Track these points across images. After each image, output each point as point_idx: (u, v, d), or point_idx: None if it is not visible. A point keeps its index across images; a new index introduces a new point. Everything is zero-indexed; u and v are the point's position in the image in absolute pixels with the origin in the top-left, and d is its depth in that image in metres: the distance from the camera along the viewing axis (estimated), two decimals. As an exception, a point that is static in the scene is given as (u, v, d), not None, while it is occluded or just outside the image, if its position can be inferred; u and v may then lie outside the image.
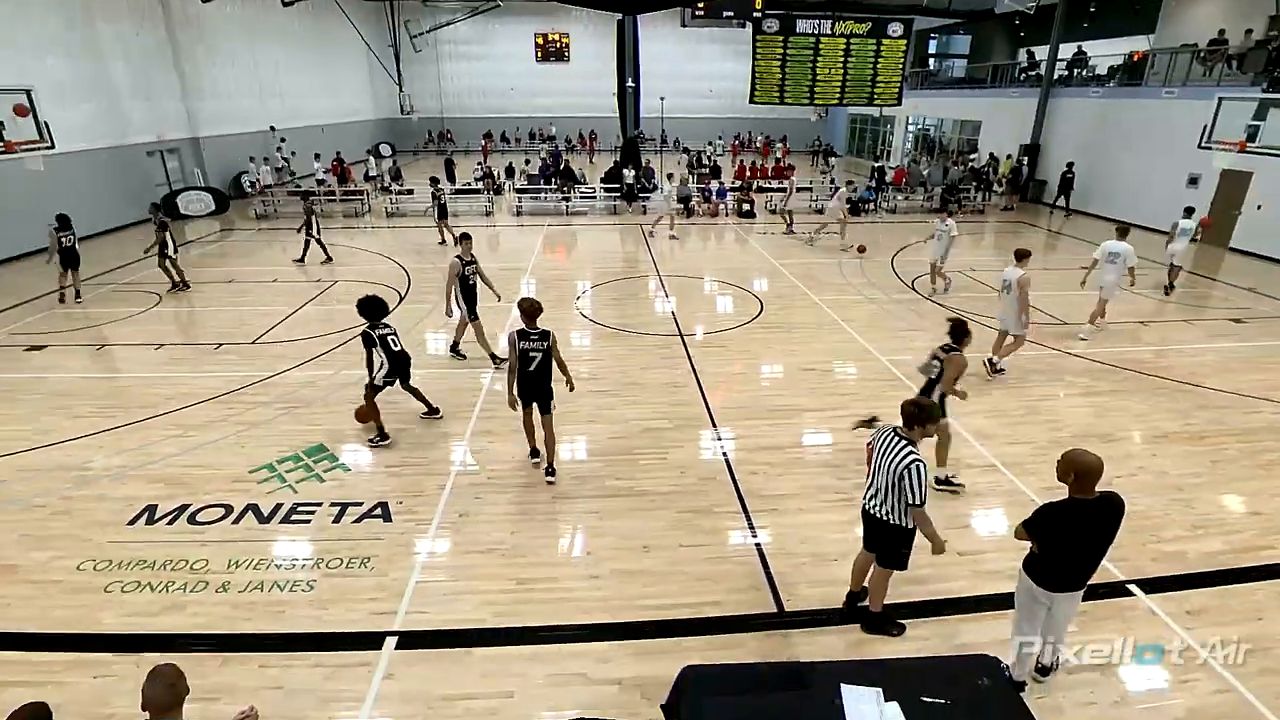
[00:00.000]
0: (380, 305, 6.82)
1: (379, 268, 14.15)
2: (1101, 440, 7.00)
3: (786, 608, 4.83)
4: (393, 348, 6.81)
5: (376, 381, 6.86)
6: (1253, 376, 8.71)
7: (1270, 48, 13.30)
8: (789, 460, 6.77)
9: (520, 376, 6.01)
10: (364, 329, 6.73)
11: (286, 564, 5.24)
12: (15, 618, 4.69)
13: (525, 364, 5.95)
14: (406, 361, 7.06)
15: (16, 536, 5.51)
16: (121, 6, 17.84)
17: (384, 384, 6.92)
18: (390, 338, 6.81)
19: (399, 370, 6.97)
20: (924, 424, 4.00)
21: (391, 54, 34.81)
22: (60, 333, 10.30)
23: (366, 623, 4.66)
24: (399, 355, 6.89)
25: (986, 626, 4.59)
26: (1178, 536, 5.56)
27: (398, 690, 4.14)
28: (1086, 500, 3.54)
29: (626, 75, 20.95)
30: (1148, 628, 4.61)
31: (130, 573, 5.10)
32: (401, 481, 6.34)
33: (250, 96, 24.15)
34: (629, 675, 4.24)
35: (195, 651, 4.33)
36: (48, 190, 14.36)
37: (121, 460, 6.65)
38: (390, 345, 6.80)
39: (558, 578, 5.14)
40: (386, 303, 6.92)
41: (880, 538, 4.29)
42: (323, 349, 9.49)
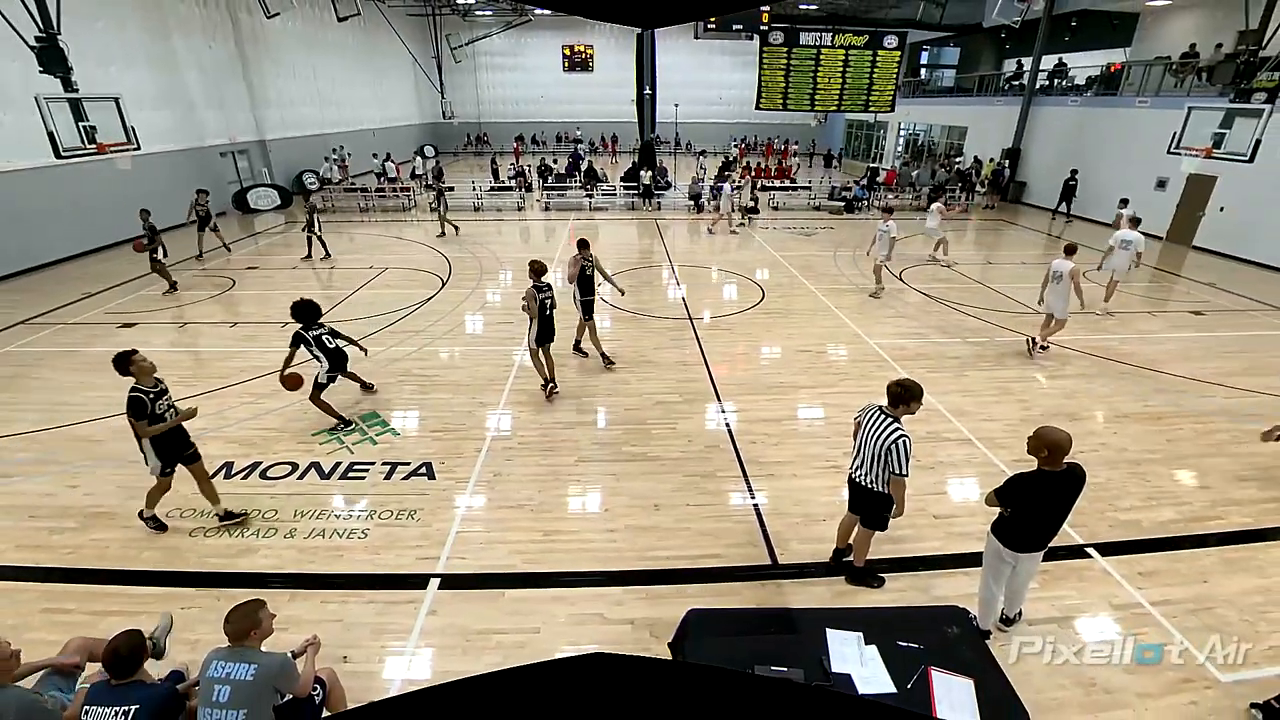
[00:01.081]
0: (313, 309, 6.56)
1: (423, 257, 14.18)
2: (1068, 419, 6.91)
3: (780, 561, 4.86)
4: (327, 346, 6.53)
5: (320, 380, 6.62)
6: (1209, 364, 8.53)
7: (1238, 61, 12.76)
8: (785, 431, 6.76)
9: (541, 321, 6.97)
10: (297, 330, 6.46)
11: (344, 514, 5.36)
12: (113, 557, 4.86)
13: (544, 309, 6.97)
14: (343, 357, 6.78)
15: (114, 488, 5.68)
16: (195, 23, 17.81)
17: (328, 380, 6.67)
18: (324, 337, 6.54)
19: (338, 366, 6.71)
20: (908, 403, 3.97)
21: (434, 64, 34.49)
22: (149, 311, 10.48)
23: (413, 566, 4.77)
24: (334, 352, 6.62)
25: (957, 582, 4.60)
26: (1133, 506, 5.51)
27: (440, 625, 4.25)
28: (1054, 472, 3.53)
29: (645, 84, 20.63)
30: (1102, 586, 4.60)
31: (211, 520, 5.24)
32: (443, 445, 6.43)
33: (310, 104, 24.10)
34: (640, 616, 4.31)
35: (266, 588, 4.46)
36: (134, 188, 14.50)
37: (202, 423, 6.76)
38: (325, 344, 6.52)
39: (579, 530, 5.21)
40: (319, 306, 6.67)
41: (864, 503, 4.30)
42: (374, 328, 9.58)
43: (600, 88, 38.61)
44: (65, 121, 9.32)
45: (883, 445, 3.95)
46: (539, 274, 7.02)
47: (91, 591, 4.51)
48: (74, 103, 9.45)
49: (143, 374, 4.68)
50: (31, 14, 9.34)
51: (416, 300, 10.91)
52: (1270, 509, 5.48)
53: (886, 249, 11.02)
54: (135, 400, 4.59)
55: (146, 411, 4.63)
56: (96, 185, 13.84)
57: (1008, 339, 9.31)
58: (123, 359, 4.66)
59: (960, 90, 27.80)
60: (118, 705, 2.65)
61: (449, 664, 3.97)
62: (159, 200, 16.02)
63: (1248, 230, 14.05)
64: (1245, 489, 5.77)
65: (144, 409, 4.62)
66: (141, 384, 4.65)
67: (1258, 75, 12.15)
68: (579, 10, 1.43)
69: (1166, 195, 15.83)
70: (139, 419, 4.62)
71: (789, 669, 3.00)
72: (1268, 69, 12.08)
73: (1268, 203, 13.57)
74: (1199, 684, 3.83)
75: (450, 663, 3.98)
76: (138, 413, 4.60)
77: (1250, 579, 4.67)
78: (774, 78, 19.55)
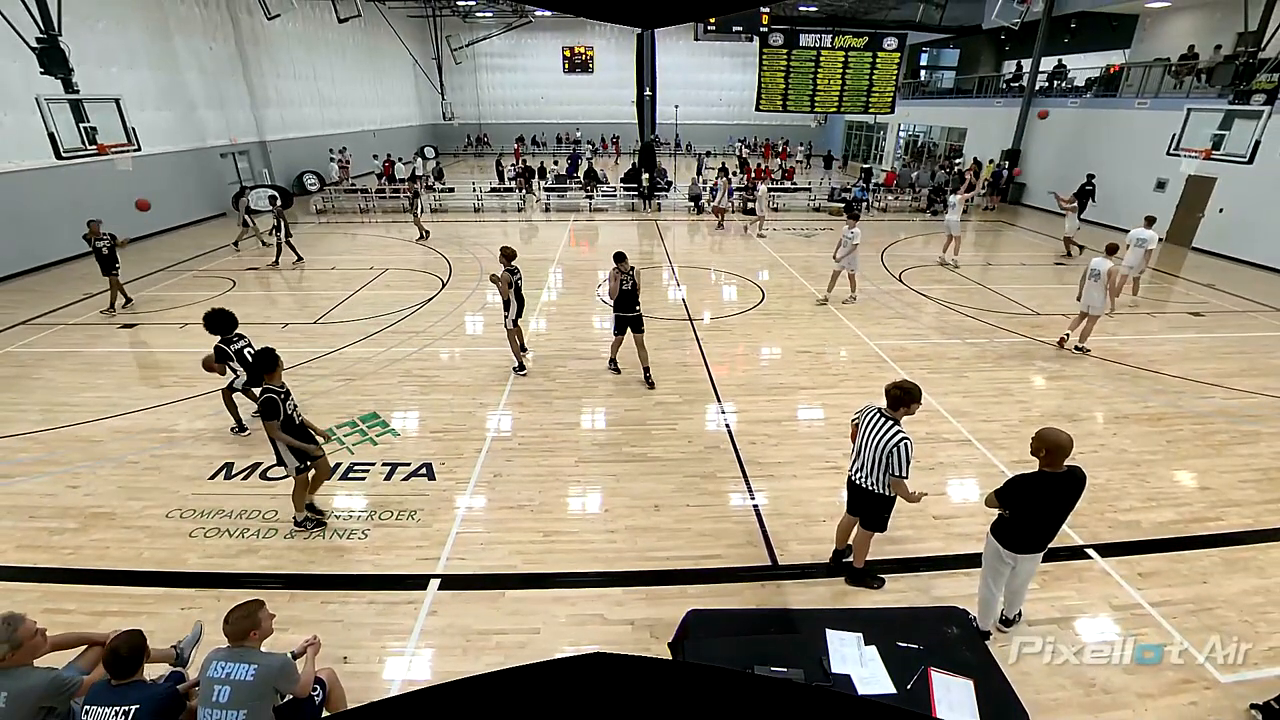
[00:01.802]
0: (227, 320, 6.27)
1: (423, 257, 14.19)
2: (1067, 420, 6.91)
3: (780, 561, 4.86)
4: (247, 359, 6.26)
5: (236, 387, 6.46)
6: (1208, 365, 8.53)
7: (1237, 63, 12.77)
8: (784, 432, 6.76)
9: (518, 300, 7.65)
10: (217, 344, 6.20)
11: (344, 515, 5.36)
12: (113, 557, 4.85)
13: (519, 291, 7.65)
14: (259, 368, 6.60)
15: (114, 488, 5.68)
16: (196, 24, 17.81)
17: (243, 390, 6.51)
18: (246, 350, 6.31)
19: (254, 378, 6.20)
20: (908, 404, 3.97)
21: (435, 65, 34.51)
22: (149, 312, 10.48)
23: (413, 567, 4.76)
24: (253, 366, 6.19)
25: (957, 582, 4.59)
26: (1133, 507, 5.51)
27: (440, 625, 4.25)
28: (1055, 473, 3.53)
29: (645, 85, 20.64)
30: (1102, 587, 4.60)
31: (211, 520, 5.24)
32: (444, 445, 6.43)
33: (310, 104, 24.11)
34: (640, 617, 4.31)
35: (267, 589, 4.46)
36: (135, 188, 14.51)
37: (203, 424, 6.81)
38: (246, 357, 6.27)
39: (579, 531, 5.20)
40: (234, 316, 6.36)
41: (864, 504, 4.29)
42: (375, 329, 9.58)
43: (600, 89, 38.64)
44: (66, 122, 9.32)
45: (883, 448, 3.95)
46: (510, 258, 7.79)
47: (91, 591, 4.50)
48: (75, 103, 9.45)
49: (277, 375, 4.75)
50: (32, 15, 9.34)
51: (417, 301, 10.92)
52: (1270, 510, 5.48)
53: (848, 254, 10.59)
54: (269, 402, 4.63)
55: (279, 413, 4.67)
56: (97, 186, 13.84)
57: (1007, 340, 9.31)
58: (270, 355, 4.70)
59: (960, 92, 27.82)
60: (118, 705, 2.65)
61: (449, 664, 3.97)
62: (159, 201, 16.10)
63: (1247, 231, 14.05)
64: (1245, 490, 5.76)
65: (277, 410, 4.66)
66: (272, 384, 4.71)
67: (1257, 77, 12.17)
68: (579, 10, 1.43)
69: (1166, 196, 15.84)
70: (271, 419, 4.65)
71: (789, 669, 3.00)
72: (1266, 70, 12.09)
73: (1267, 204, 13.58)
74: (1199, 684, 3.83)
75: (450, 663, 3.97)
76: (271, 414, 4.64)
77: (1250, 579, 4.67)
78: (774, 79, 19.57)
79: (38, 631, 2.85)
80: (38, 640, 2.85)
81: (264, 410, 4.64)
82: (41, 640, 2.89)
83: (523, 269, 9.05)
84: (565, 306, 11.05)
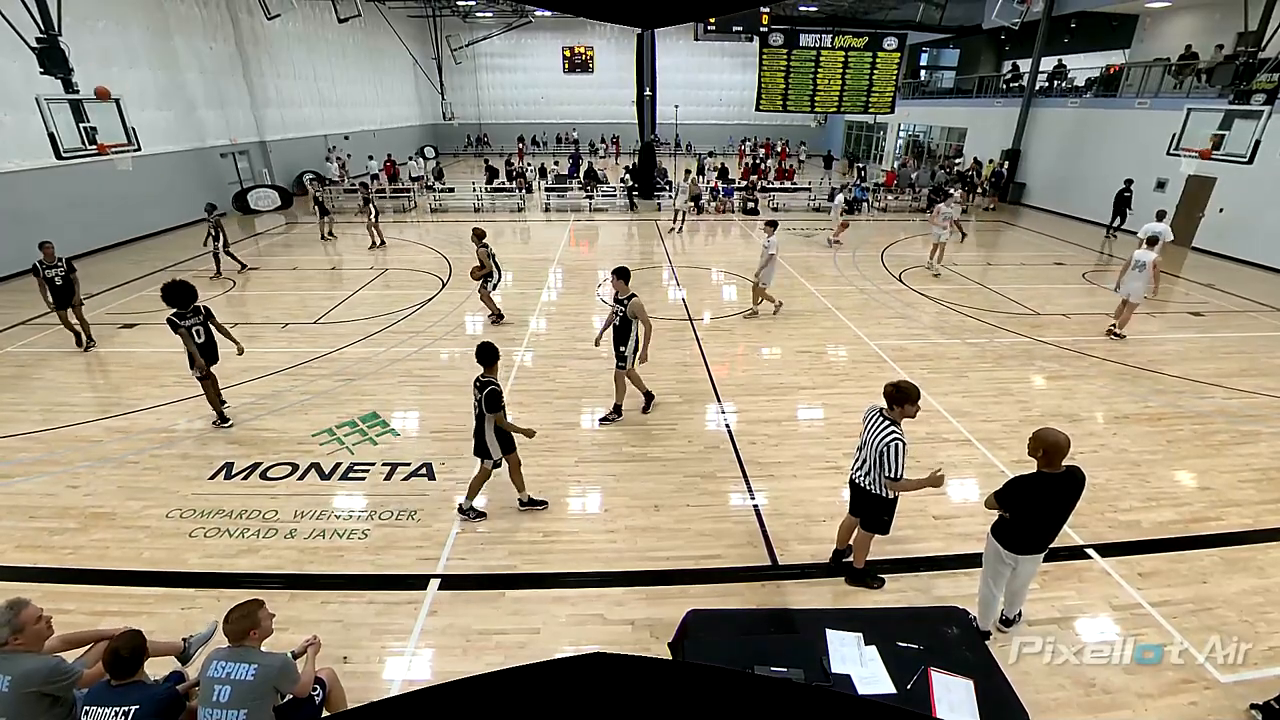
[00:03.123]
0: (186, 292, 6.14)
1: (423, 257, 14.19)
2: (1067, 420, 6.91)
3: (780, 561, 4.86)
4: (196, 340, 6.22)
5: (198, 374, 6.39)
6: (1208, 365, 8.53)
7: (1237, 63, 12.77)
8: (784, 432, 6.76)
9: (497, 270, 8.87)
10: (170, 317, 6.12)
11: (344, 515, 5.35)
12: (113, 557, 4.85)
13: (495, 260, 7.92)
14: (213, 349, 6.49)
15: (114, 488, 5.68)
16: (196, 24, 17.82)
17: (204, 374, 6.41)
18: (196, 329, 6.22)
19: (207, 357, 6.40)
20: (903, 404, 3.97)
21: (435, 66, 34.52)
22: (149, 312, 10.46)
23: (413, 567, 4.77)
24: (205, 345, 6.34)
25: (957, 582, 4.59)
26: (1133, 507, 5.51)
27: (440, 625, 4.25)
28: (1053, 474, 3.53)
29: (645, 85, 20.67)
30: (1102, 587, 4.60)
31: (211, 520, 5.24)
32: (444, 445, 6.42)
33: (310, 104, 24.11)
34: (640, 617, 4.31)
35: (267, 588, 4.46)
36: (135, 188, 14.54)
37: (202, 424, 6.81)
38: (194, 337, 6.20)
39: (579, 531, 5.21)
40: (194, 289, 6.24)
41: (865, 505, 4.29)
42: (375, 329, 9.58)
43: (600, 89, 38.65)
44: (66, 122, 9.31)
45: (878, 447, 3.96)
46: (480, 237, 9.22)
47: (91, 591, 4.50)
48: (75, 103, 9.45)
49: (495, 369, 4.90)
50: (32, 15, 9.34)
51: (417, 301, 10.92)
52: (1270, 510, 5.48)
53: (763, 266, 9.73)
54: (494, 394, 4.77)
55: (501, 403, 4.82)
56: (97, 186, 13.84)
57: (1007, 340, 9.32)
58: (492, 350, 4.87)
59: (960, 91, 27.82)
60: (117, 705, 2.65)
61: (449, 664, 3.97)
62: (159, 201, 16.13)
63: (1247, 231, 14.05)
64: (1244, 490, 5.76)
65: (500, 401, 4.80)
66: (490, 376, 4.85)
67: (1257, 77, 12.16)
68: (579, 10, 1.43)
69: (1166, 196, 15.83)
70: (496, 410, 4.81)
71: (789, 669, 3.00)
72: (1266, 70, 12.09)
73: (1267, 204, 13.58)
74: (1199, 684, 3.83)
75: (450, 663, 3.97)
76: (496, 405, 4.78)
77: (1250, 579, 4.67)
78: (774, 79, 19.58)
79: (41, 617, 2.86)
80: (42, 626, 2.87)
81: (490, 403, 4.77)
82: (46, 627, 2.90)
83: (522, 268, 9.12)
84: (565, 306, 11.05)
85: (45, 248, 8.19)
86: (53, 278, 8.02)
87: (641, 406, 7.11)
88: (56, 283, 8.09)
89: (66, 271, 8.24)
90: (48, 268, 8.04)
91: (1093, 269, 13.47)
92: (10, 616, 2.75)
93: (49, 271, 8.03)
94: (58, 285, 8.16)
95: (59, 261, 8.19)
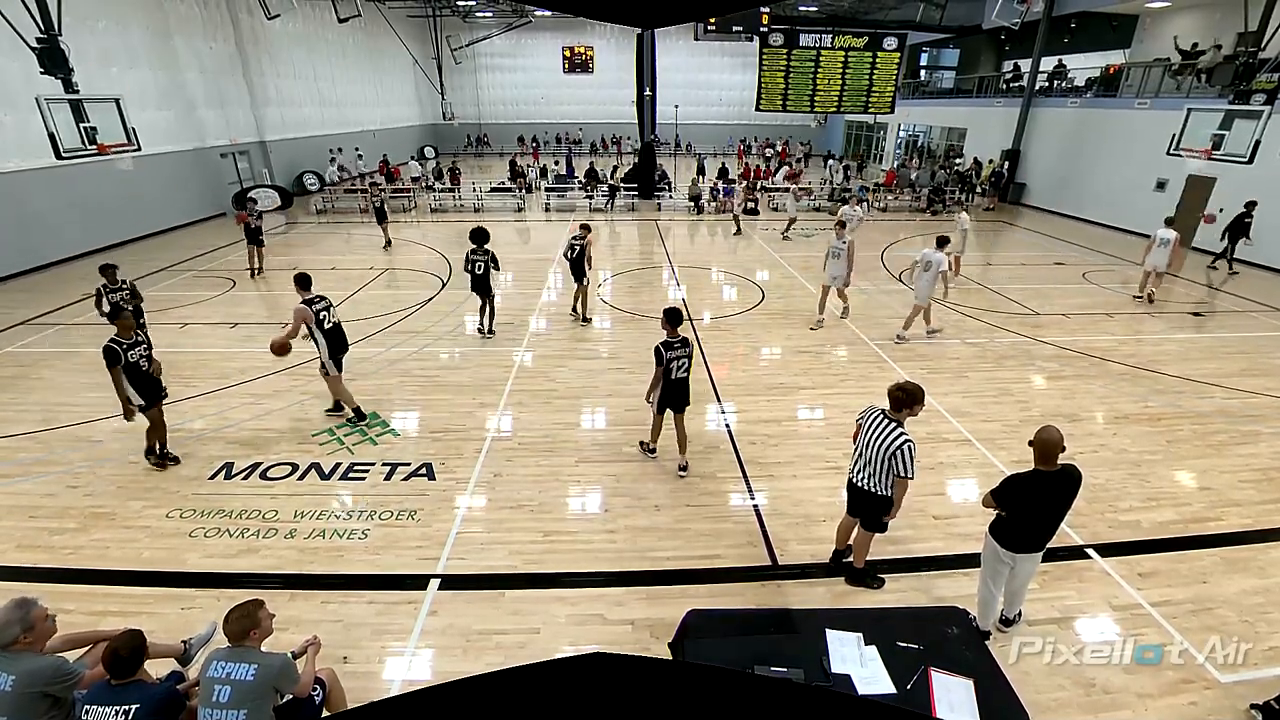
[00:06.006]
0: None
1: (423, 257, 14.19)
2: (1067, 420, 6.91)
3: (779, 561, 4.86)
4: (141, 368, 5.69)
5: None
6: (1207, 365, 8.53)
7: (1237, 63, 12.76)
8: (784, 432, 6.76)
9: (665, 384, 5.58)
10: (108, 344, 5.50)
11: (344, 515, 5.36)
12: (113, 557, 4.86)
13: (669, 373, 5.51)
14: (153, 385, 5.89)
15: (114, 488, 5.68)
16: (196, 24, 17.81)
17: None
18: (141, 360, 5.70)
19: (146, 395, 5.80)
20: (910, 406, 3.96)
21: (435, 65, 34.47)
22: (149, 312, 10.45)
23: (413, 567, 4.77)
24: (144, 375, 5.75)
25: (957, 582, 4.59)
26: (1133, 507, 5.51)
27: (440, 625, 4.25)
28: (1048, 472, 3.53)
29: (645, 85, 20.67)
30: (1102, 587, 4.60)
31: (211, 520, 5.24)
32: (444, 445, 6.43)
33: (310, 104, 24.11)
34: (640, 617, 4.31)
35: (267, 588, 4.46)
36: (135, 188, 14.54)
37: (202, 424, 6.81)
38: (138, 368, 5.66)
39: (579, 531, 5.21)
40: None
41: (865, 506, 4.29)
42: (374, 329, 9.58)
43: (600, 89, 38.63)
44: (66, 122, 9.31)
45: (887, 450, 3.94)
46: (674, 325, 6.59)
47: (91, 591, 4.50)
48: (75, 104, 9.44)
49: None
50: (32, 15, 9.34)
51: (417, 301, 10.91)
52: (1270, 510, 5.48)
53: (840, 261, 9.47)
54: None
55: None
56: (97, 186, 13.85)
57: (1007, 340, 9.32)
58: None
59: (960, 91, 27.82)
60: (117, 705, 2.65)
61: (449, 664, 3.97)
62: (159, 201, 16.14)
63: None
64: (1245, 490, 5.76)
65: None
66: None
67: (1257, 77, 12.16)
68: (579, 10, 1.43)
69: (1166, 196, 15.83)
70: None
71: (789, 669, 3.00)
72: (1266, 70, 12.09)
73: (1267, 204, 13.56)
74: (1199, 684, 3.83)
75: (450, 663, 3.97)
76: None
77: (1250, 579, 4.67)
78: (774, 79, 19.57)
79: (49, 617, 2.87)
80: (49, 626, 2.88)
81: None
82: (51, 627, 2.91)
83: (523, 268, 9.10)
84: (565, 306, 11.04)
85: (107, 272, 7.45)
86: (116, 301, 7.26)
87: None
88: (123, 308, 7.07)
89: (130, 294, 7.49)
90: (111, 290, 7.38)
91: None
92: (21, 615, 2.76)
93: (113, 295, 7.31)
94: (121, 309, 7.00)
95: (122, 284, 7.50)
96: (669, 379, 5.51)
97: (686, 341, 5.52)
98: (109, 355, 5.48)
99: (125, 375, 5.57)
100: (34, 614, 2.79)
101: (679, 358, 5.47)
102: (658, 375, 5.53)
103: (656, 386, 5.60)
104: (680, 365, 5.51)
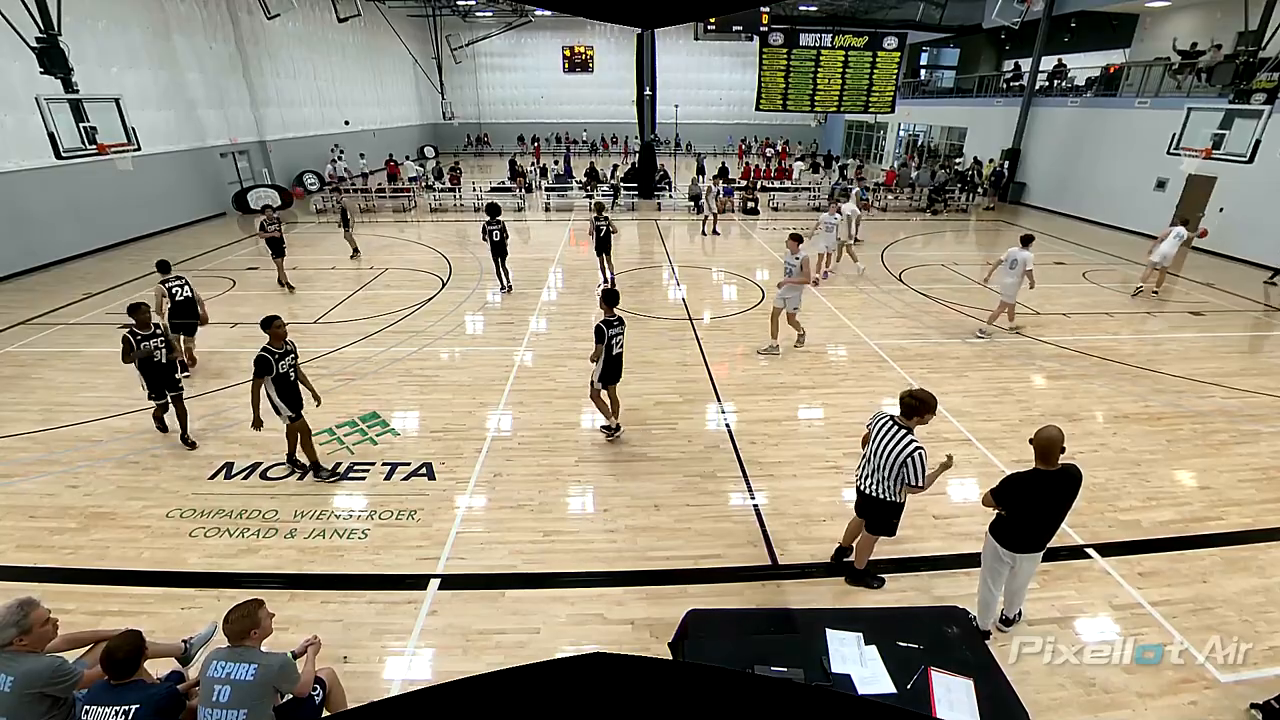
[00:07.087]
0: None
1: (423, 257, 14.18)
2: (1067, 419, 6.91)
3: (780, 561, 4.86)
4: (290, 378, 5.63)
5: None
6: (1208, 364, 8.53)
7: (1237, 62, 12.76)
8: (784, 432, 6.76)
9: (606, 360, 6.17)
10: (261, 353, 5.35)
11: (344, 515, 5.36)
12: (113, 557, 4.86)
13: (610, 349, 6.12)
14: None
15: (114, 488, 5.69)
16: (196, 23, 17.81)
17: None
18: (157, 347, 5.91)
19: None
20: (922, 414, 3.96)
21: (435, 65, 34.51)
22: (148, 312, 10.46)
23: (413, 567, 4.77)
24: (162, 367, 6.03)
25: (957, 582, 4.60)
26: (1133, 507, 5.51)
27: (440, 625, 4.25)
28: (1048, 471, 3.53)
29: (645, 84, 20.67)
30: (1102, 587, 4.59)
31: (211, 520, 5.24)
32: (444, 445, 6.43)
33: (310, 104, 24.11)
34: (640, 616, 4.31)
35: (267, 588, 4.46)
36: (135, 188, 14.53)
37: (202, 424, 6.80)
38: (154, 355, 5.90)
39: (579, 531, 5.21)
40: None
41: (872, 510, 4.29)
42: (374, 329, 9.58)
43: (600, 89, 38.64)
44: (66, 122, 9.30)
45: (897, 457, 3.94)
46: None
47: (91, 591, 4.50)
48: (75, 103, 9.44)
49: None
50: (32, 14, 9.33)
51: (417, 301, 10.91)
52: (1270, 509, 5.48)
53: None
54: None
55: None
56: (97, 186, 13.84)
57: (1007, 339, 9.32)
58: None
59: (960, 91, 27.81)
60: (117, 704, 2.65)
61: (449, 664, 3.97)
62: (159, 201, 16.13)
63: (1247, 231, 14.03)
64: (1245, 489, 5.76)
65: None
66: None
67: (1257, 76, 12.15)
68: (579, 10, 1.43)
69: (1166, 196, 15.83)
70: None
71: (789, 669, 3.00)
72: (1267, 70, 12.08)
73: (1267, 204, 13.57)
74: (1199, 684, 3.83)
75: (450, 663, 3.97)
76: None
77: (1250, 579, 4.67)
78: (774, 79, 19.58)
79: (49, 620, 2.87)
80: (48, 629, 2.87)
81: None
82: (52, 630, 2.90)
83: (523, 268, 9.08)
84: (565, 306, 11.05)
85: (138, 313, 6.15)
86: (150, 350, 6.16)
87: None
88: (156, 360, 6.19)
89: (164, 343, 6.29)
90: (144, 339, 6.12)
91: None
92: (19, 617, 2.76)
93: (145, 344, 6.12)
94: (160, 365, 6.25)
95: (156, 329, 6.28)
96: (609, 354, 6.14)
97: (622, 320, 6.24)
98: (260, 365, 5.22)
99: (274, 385, 5.39)
100: (32, 617, 2.78)
101: (616, 335, 6.17)
102: (598, 350, 6.07)
103: (598, 360, 6.13)
104: (617, 341, 6.20)
